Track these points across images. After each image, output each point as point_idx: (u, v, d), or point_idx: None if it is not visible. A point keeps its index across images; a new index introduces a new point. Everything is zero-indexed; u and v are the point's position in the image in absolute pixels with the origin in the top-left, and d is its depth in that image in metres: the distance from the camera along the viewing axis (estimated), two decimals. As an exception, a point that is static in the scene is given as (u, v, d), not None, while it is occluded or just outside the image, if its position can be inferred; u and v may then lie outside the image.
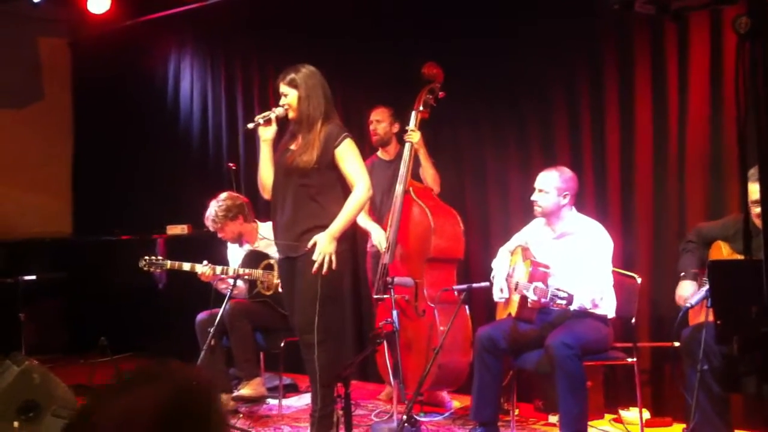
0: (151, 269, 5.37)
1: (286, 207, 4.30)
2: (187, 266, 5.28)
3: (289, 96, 4.27)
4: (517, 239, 4.72)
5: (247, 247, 5.45)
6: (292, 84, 4.26)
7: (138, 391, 1.22)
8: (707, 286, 3.66)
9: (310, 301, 4.15)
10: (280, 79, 4.32)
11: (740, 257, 3.74)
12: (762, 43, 1.83)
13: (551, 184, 4.44)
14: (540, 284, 4.14)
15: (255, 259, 5.31)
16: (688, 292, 4.00)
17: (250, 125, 4.33)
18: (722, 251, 3.99)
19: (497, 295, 4.59)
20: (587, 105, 5.28)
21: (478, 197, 5.76)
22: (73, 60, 8.47)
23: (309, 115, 4.24)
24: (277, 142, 4.39)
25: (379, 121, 5.53)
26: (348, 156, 4.24)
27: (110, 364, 6.26)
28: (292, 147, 4.31)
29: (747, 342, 1.92)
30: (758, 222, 1.89)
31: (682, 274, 4.11)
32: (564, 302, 4.05)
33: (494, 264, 4.71)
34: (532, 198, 4.50)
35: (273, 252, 4.90)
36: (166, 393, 1.21)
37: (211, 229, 5.42)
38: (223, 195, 5.40)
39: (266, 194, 4.45)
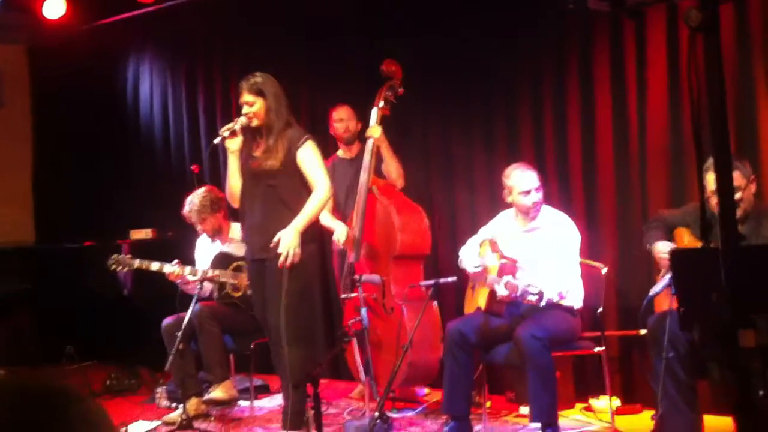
0: (119, 268, 5.33)
1: (255, 209, 4.37)
2: (155, 266, 5.24)
3: (256, 104, 4.33)
4: (485, 232, 4.74)
5: (217, 246, 5.41)
6: (258, 92, 4.33)
7: None
8: (671, 274, 3.70)
9: (280, 300, 4.17)
10: (243, 87, 4.36)
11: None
12: (713, 35, 1.86)
13: (537, 180, 4.48)
14: (511, 279, 4.16)
15: (224, 260, 5.29)
16: (666, 244, 3.98)
17: (216, 140, 4.44)
18: (683, 238, 4.04)
19: (471, 268, 4.59)
20: (550, 100, 5.32)
21: (444, 192, 5.78)
22: (31, 66, 8.35)
23: (275, 123, 4.34)
24: (241, 149, 4.44)
25: (342, 119, 5.51)
26: (309, 158, 4.34)
27: (77, 373, 6.22)
28: (256, 153, 4.37)
29: (707, 329, 1.95)
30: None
31: (648, 244, 4.10)
32: (535, 297, 4.08)
33: (462, 251, 4.72)
34: (534, 200, 4.46)
35: (243, 253, 4.90)
36: (7, 400, 1.18)
37: (194, 220, 5.35)
38: (202, 189, 5.37)
39: (235, 203, 4.55)
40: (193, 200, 5.31)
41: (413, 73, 5.33)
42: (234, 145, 4.41)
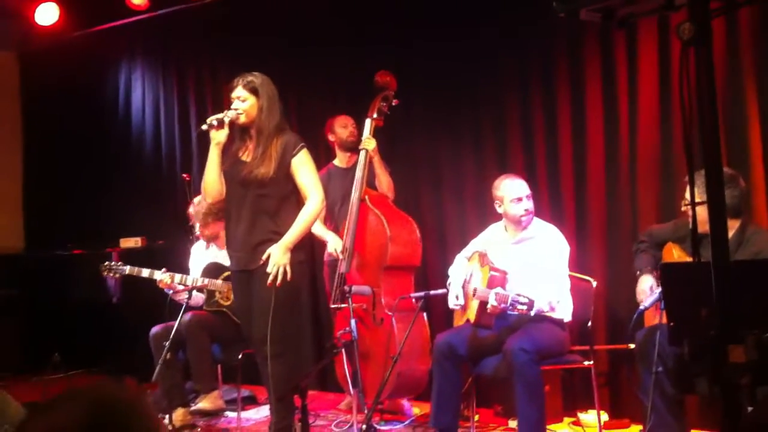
0: (110, 274, 5.33)
1: (241, 219, 4.25)
2: (146, 273, 5.21)
3: (247, 102, 4.20)
4: (474, 245, 4.73)
5: (212, 253, 5.38)
6: (252, 89, 4.20)
7: (61, 408, 1.27)
8: (661, 288, 3.69)
9: (267, 313, 4.11)
10: (237, 81, 4.23)
11: (691, 258, 3.78)
12: (704, 48, 1.86)
13: (528, 188, 4.51)
14: (500, 290, 4.16)
15: (216, 269, 5.25)
16: (648, 284, 4.01)
17: (204, 126, 4.23)
18: (673, 254, 4.03)
19: (452, 302, 4.58)
20: (540, 112, 5.32)
21: (434, 203, 5.77)
22: (22, 72, 8.32)
23: (266, 126, 4.20)
24: (227, 147, 4.31)
25: (346, 126, 5.46)
26: (303, 167, 4.23)
27: (64, 381, 6.18)
28: (244, 157, 4.27)
29: (697, 344, 1.94)
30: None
31: (638, 271, 4.13)
32: (525, 307, 4.07)
33: (451, 271, 4.71)
34: (526, 208, 4.47)
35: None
36: (86, 408, 1.26)
37: (197, 220, 5.34)
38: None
39: (209, 198, 4.40)
40: (203, 202, 5.27)
41: (401, 81, 5.33)
42: (220, 136, 4.21)
